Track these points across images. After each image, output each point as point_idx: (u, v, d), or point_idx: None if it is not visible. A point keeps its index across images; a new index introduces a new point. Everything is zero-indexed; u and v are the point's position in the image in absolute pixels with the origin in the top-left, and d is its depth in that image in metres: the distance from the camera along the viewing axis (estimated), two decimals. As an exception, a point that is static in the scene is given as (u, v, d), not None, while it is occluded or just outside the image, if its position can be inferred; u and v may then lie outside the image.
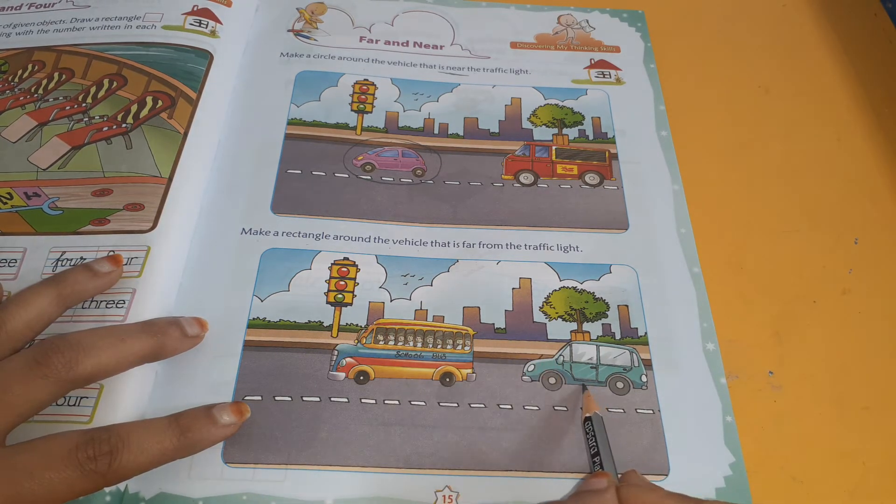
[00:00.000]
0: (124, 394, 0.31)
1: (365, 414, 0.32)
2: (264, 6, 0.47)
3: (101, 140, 0.39)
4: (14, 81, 0.41)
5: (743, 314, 0.37)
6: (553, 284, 0.37)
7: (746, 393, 0.34)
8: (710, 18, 0.50)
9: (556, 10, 0.48)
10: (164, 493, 0.30)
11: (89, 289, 0.32)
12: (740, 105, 0.45)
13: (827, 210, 0.41)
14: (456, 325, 0.35)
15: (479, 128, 0.42)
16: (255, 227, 0.37)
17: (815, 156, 0.43)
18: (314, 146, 0.41)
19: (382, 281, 0.36)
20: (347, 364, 0.33)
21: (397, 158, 0.41)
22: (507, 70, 0.45)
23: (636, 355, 0.34)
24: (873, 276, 0.38)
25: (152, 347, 0.31)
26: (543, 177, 0.41)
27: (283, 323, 0.34)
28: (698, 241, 0.38)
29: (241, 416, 0.30)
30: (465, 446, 0.32)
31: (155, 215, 0.36)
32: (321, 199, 0.39)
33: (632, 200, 0.40)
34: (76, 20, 0.44)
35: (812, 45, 0.49)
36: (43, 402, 0.28)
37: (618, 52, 0.46)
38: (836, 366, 0.35)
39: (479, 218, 0.39)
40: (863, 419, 0.34)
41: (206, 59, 0.42)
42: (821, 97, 0.46)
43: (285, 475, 0.30)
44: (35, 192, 0.37)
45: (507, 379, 0.34)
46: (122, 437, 0.27)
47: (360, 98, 0.43)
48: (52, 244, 0.35)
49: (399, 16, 0.48)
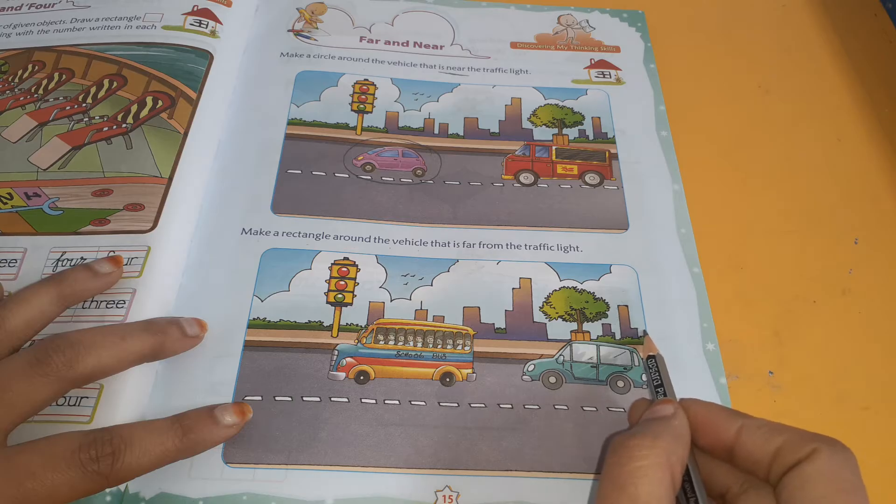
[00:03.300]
0: (124, 394, 0.31)
1: (365, 414, 0.32)
2: (264, 6, 0.47)
3: (102, 140, 0.39)
4: (14, 82, 0.41)
5: (743, 314, 0.37)
6: (553, 284, 0.37)
7: (746, 393, 0.34)
8: (710, 18, 0.50)
9: (556, 10, 0.48)
10: (165, 493, 0.30)
11: (89, 289, 0.33)
12: (740, 105, 0.45)
13: (827, 210, 0.41)
14: (456, 325, 0.35)
15: (479, 128, 0.42)
16: (255, 228, 0.37)
17: (815, 156, 0.43)
18: (314, 146, 0.41)
19: (382, 281, 0.36)
20: (347, 364, 0.34)
21: (397, 158, 0.41)
22: (507, 70, 0.45)
23: (636, 355, 0.34)
24: (873, 276, 0.38)
25: (152, 347, 0.31)
26: (543, 177, 0.41)
27: (284, 323, 0.34)
28: (698, 241, 0.38)
29: (243, 417, 0.30)
30: (465, 446, 0.32)
31: (155, 215, 0.36)
32: (321, 199, 0.39)
33: (632, 200, 0.40)
34: (76, 20, 0.44)
35: (812, 45, 0.49)
36: (43, 401, 0.28)
37: (618, 52, 0.46)
38: (836, 366, 0.35)
39: (479, 218, 0.39)
40: (863, 419, 0.34)
41: (206, 60, 0.42)
42: (821, 97, 0.46)
43: (285, 475, 0.30)
44: (35, 193, 0.37)
45: (508, 379, 0.34)
46: (125, 437, 0.27)
47: (361, 98, 0.43)
48: (52, 244, 0.35)
49: (399, 16, 0.48)
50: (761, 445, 0.24)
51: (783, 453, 0.24)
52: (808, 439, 0.23)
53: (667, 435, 0.25)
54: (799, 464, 0.23)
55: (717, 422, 0.26)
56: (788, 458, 0.23)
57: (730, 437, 0.25)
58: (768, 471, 0.24)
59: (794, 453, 0.23)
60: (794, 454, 0.23)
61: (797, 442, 0.23)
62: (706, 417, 0.26)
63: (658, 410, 0.27)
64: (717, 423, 0.26)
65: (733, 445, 0.25)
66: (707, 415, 0.26)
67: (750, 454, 0.25)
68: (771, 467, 0.24)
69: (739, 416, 0.25)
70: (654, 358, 0.32)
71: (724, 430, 0.25)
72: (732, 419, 0.25)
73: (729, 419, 0.25)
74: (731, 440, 0.25)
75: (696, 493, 0.26)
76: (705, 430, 0.26)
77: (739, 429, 0.25)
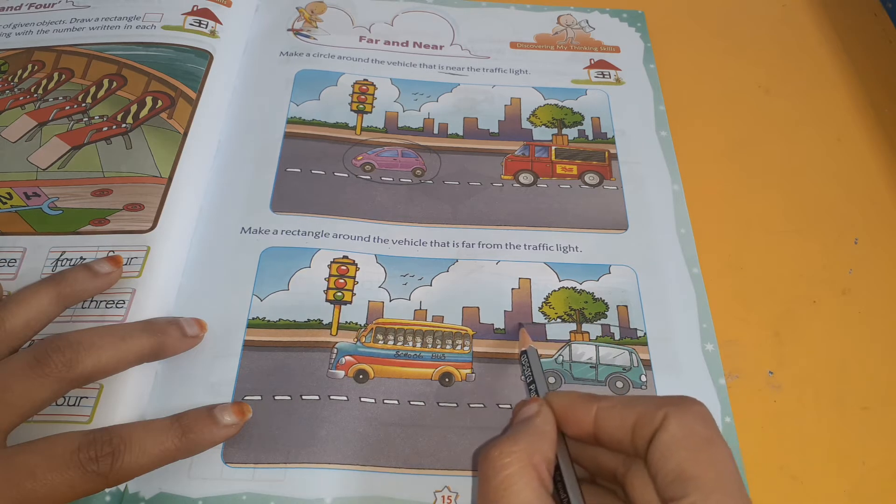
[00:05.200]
0: (124, 394, 0.31)
1: (364, 413, 0.32)
2: (264, 6, 0.47)
3: (101, 140, 0.39)
4: (14, 81, 0.41)
5: (743, 314, 0.37)
6: (552, 285, 0.37)
7: (746, 393, 0.34)
8: (710, 18, 0.50)
9: (556, 10, 0.48)
10: (164, 493, 0.30)
11: (89, 289, 0.33)
12: (740, 105, 0.45)
13: (827, 210, 0.41)
14: (455, 326, 0.35)
15: (478, 128, 0.42)
16: (254, 227, 0.37)
17: (815, 156, 0.43)
18: (314, 145, 0.41)
19: (382, 280, 0.36)
20: (347, 362, 0.33)
21: (397, 158, 0.41)
22: (507, 70, 0.45)
23: (635, 355, 0.34)
24: (873, 276, 0.38)
25: (152, 347, 0.31)
26: (543, 177, 0.41)
27: (283, 322, 0.34)
28: (698, 241, 0.38)
29: (242, 417, 0.30)
30: (464, 447, 0.32)
31: (155, 215, 0.36)
32: (321, 199, 0.39)
33: (631, 201, 0.40)
34: (76, 20, 0.44)
35: (812, 45, 0.49)
36: (43, 401, 0.28)
37: (618, 52, 0.46)
38: (836, 366, 0.35)
39: (478, 218, 0.39)
40: (863, 419, 0.34)
41: (205, 59, 0.42)
42: (821, 97, 0.46)
43: (285, 474, 0.30)
44: (35, 192, 0.37)
45: (507, 379, 0.34)
46: (124, 437, 0.27)
47: (360, 98, 0.43)
48: (51, 244, 0.35)
49: (399, 16, 0.48)
50: (619, 424, 0.24)
51: (639, 428, 0.23)
52: (658, 406, 0.23)
53: (526, 435, 0.24)
54: (655, 434, 0.23)
55: (576, 410, 0.25)
56: (645, 430, 0.23)
57: (589, 423, 0.25)
58: (633, 448, 0.24)
59: (649, 425, 0.23)
60: (649, 426, 0.23)
61: (649, 413, 0.23)
62: (566, 408, 0.26)
63: (524, 412, 0.26)
64: (575, 411, 0.25)
65: (594, 430, 0.25)
66: (567, 405, 0.26)
67: (611, 436, 0.24)
68: (634, 444, 0.24)
69: (595, 400, 0.25)
70: (527, 353, 0.31)
71: (582, 416, 0.25)
72: (588, 404, 0.25)
73: (585, 405, 0.25)
74: (591, 425, 0.25)
75: (568, 491, 0.25)
76: (567, 420, 0.25)
77: (596, 412, 0.25)
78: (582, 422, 0.25)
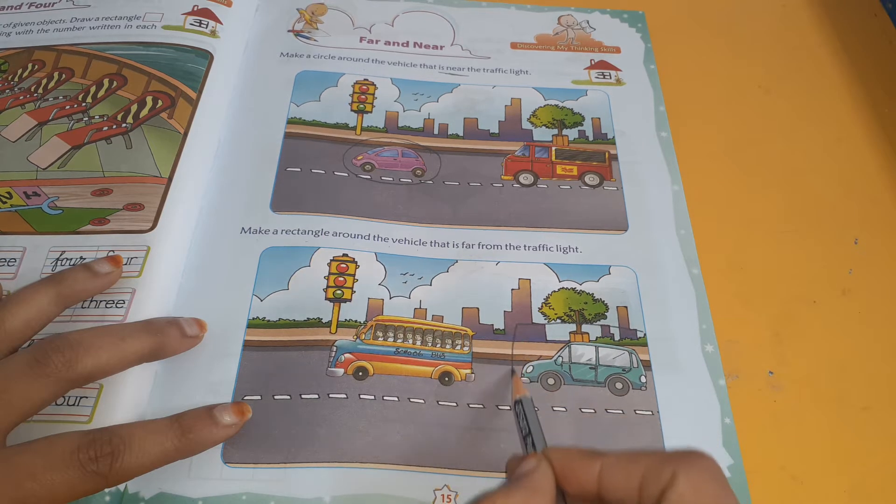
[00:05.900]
0: (124, 394, 0.31)
1: (364, 410, 0.32)
2: (264, 6, 0.47)
3: (101, 140, 0.39)
4: (14, 81, 0.41)
5: (743, 314, 0.37)
6: (552, 285, 0.37)
7: (746, 393, 0.34)
8: (710, 19, 0.50)
9: (557, 11, 0.48)
10: (164, 493, 0.30)
11: (89, 289, 0.33)
12: (740, 105, 0.45)
13: (827, 210, 0.41)
14: (455, 326, 0.35)
15: (478, 128, 0.42)
16: (254, 226, 0.37)
17: (815, 156, 0.43)
18: (314, 145, 0.41)
19: (382, 278, 0.36)
20: (346, 360, 0.33)
21: (397, 158, 0.41)
22: (507, 70, 0.45)
23: (635, 356, 0.34)
24: (873, 276, 0.38)
25: (152, 347, 0.31)
26: (543, 177, 0.41)
27: (283, 322, 0.34)
28: (698, 241, 0.38)
29: (242, 417, 0.30)
30: (464, 446, 0.32)
31: (155, 215, 0.36)
32: (321, 198, 0.39)
33: (631, 201, 0.40)
34: (76, 20, 0.44)
35: (812, 45, 0.49)
36: (43, 401, 0.28)
37: (618, 52, 0.46)
38: (836, 366, 0.35)
39: (478, 218, 0.39)
40: (863, 419, 0.34)
41: (206, 59, 0.42)
42: (821, 97, 0.46)
43: (284, 474, 0.30)
44: (35, 192, 0.37)
45: (507, 380, 0.34)
46: (124, 437, 0.27)
47: (360, 98, 0.43)
48: (51, 244, 0.35)
49: (399, 16, 0.48)
50: (624, 483, 0.23)
51: (646, 486, 0.22)
52: (665, 463, 0.22)
53: (523, 491, 0.23)
54: (664, 494, 0.22)
55: (576, 467, 0.24)
56: (653, 489, 0.22)
57: (593, 481, 0.23)
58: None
59: (656, 483, 0.22)
60: (657, 484, 0.22)
61: (656, 470, 0.22)
62: (566, 464, 0.24)
63: (522, 467, 0.24)
64: (576, 467, 0.24)
65: (599, 489, 0.23)
66: (566, 461, 0.24)
67: (616, 495, 0.23)
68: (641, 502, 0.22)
69: (597, 455, 0.23)
70: (521, 402, 0.28)
71: (585, 473, 0.23)
72: (591, 460, 0.23)
73: (587, 461, 0.23)
74: (594, 483, 0.23)
75: None
76: (568, 477, 0.24)
77: (600, 470, 0.23)
78: (584, 479, 0.23)
